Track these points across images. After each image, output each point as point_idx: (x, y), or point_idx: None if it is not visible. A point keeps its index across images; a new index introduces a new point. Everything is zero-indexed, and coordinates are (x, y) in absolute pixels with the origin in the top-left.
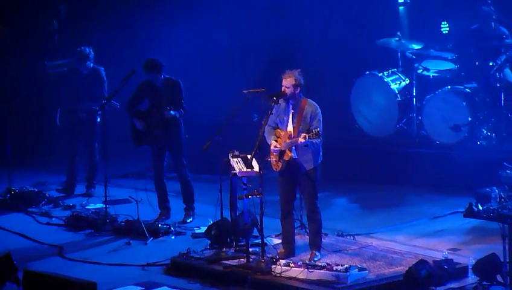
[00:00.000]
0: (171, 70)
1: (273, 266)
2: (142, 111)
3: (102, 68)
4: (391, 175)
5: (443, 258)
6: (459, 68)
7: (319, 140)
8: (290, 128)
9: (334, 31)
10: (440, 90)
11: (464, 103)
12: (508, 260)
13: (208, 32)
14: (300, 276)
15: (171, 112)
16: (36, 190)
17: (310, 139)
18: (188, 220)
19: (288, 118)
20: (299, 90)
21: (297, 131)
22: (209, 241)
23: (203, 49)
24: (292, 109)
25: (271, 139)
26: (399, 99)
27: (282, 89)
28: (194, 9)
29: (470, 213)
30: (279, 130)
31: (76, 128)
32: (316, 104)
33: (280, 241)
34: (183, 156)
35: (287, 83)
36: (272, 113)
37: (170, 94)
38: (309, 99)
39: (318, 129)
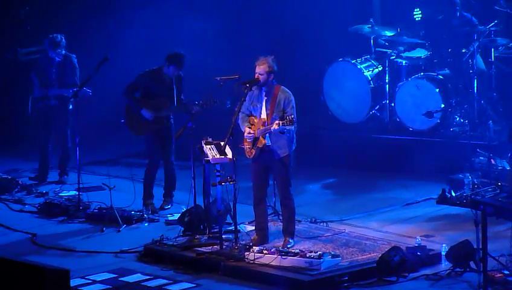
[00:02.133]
0: (142, 56)
1: (247, 253)
2: (152, 102)
3: (75, 55)
4: (364, 162)
5: (416, 244)
6: (432, 55)
7: (293, 127)
8: (263, 115)
9: (307, 17)
10: (413, 77)
11: (437, 90)
12: (480, 247)
13: (179, 18)
14: (274, 263)
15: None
16: (9, 177)
17: (284, 125)
18: (167, 207)
19: (262, 105)
20: (272, 77)
21: (271, 118)
22: (182, 229)
23: (175, 35)
24: (265, 95)
25: (245, 126)
26: (372, 86)
27: (256, 76)
28: None
29: (443, 200)
30: (253, 117)
31: (48, 115)
32: (289, 91)
33: (253, 228)
34: (174, 145)
35: (261, 69)
36: (245, 100)
37: (179, 87)
38: (282, 86)
39: (292, 116)
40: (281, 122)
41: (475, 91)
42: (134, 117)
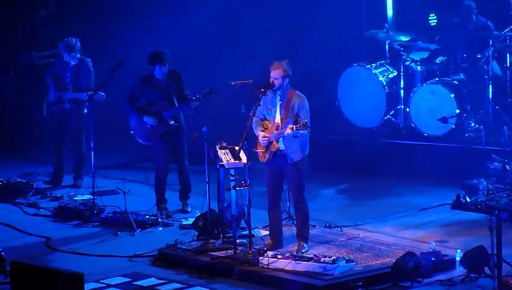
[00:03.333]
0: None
1: (261, 258)
2: (148, 107)
3: (90, 59)
4: (378, 166)
5: (430, 250)
6: (447, 60)
7: (307, 131)
8: (277, 119)
9: (322, 22)
10: (428, 82)
11: (452, 95)
12: (495, 252)
13: (195, 23)
14: (288, 267)
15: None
16: (24, 181)
17: (298, 130)
18: (189, 210)
19: (276, 109)
20: (287, 81)
21: (285, 122)
22: (197, 233)
23: (190, 40)
24: (280, 100)
25: (258, 130)
26: (387, 91)
27: (271, 80)
28: (182, 0)
29: (457, 205)
30: (266, 121)
31: (63, 119)
32: (304, 96)
33: (267, 232)
34: (186, 148)
35: (276, 74)
36: (260, 105)
37: (176, 86)
38: (297, 91)
39: (306, 120)
40: (294, 126)
41: (490, 96)
42: (139, 126)
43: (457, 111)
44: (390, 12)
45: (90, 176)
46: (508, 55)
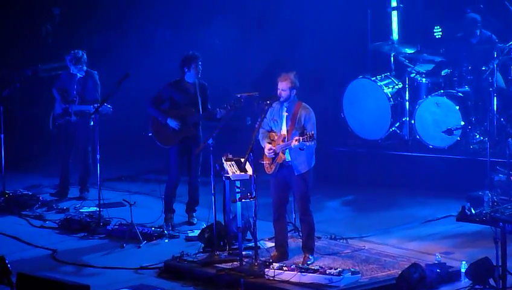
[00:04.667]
0: (163, 73)
1: (266, 270)
2: (176, 111)
3: (96, 72)
4: (384, 178)
5: (436, 261)
6: (452, 72)
7: (313, 143)
8: (284, 131)
9: (328, 34)
10: (433, 94)
11: (457, 107)
12: (500, 264)
13: (200, 34)
14: (294, 279)
15: (221, 110)
16: (30, 193)
17: (304, 142)
18: (195, 222)
19: (282, 121)
20: (294, 92)
21: (291, 134)
22: (203, 245)
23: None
24: (286, 111)
25: (265, 142)
26: (392, 103)
27: (278, 92)
28: (186, 12)
29: (462, 217)
30: (273, 133)
31: (69, 131)
32: (310, 108)
33: (273, 244)
34: (200, 160)
35: (283, 85)
36: (266, 117)
37: (203, 96)
38: (303, 103)
39: (312, 132)
40: (300, 138)
41: (495, 109)
42: (160, 128)
43: (462, 123)
44: (395, 24)
45: (96, 188)
46: None
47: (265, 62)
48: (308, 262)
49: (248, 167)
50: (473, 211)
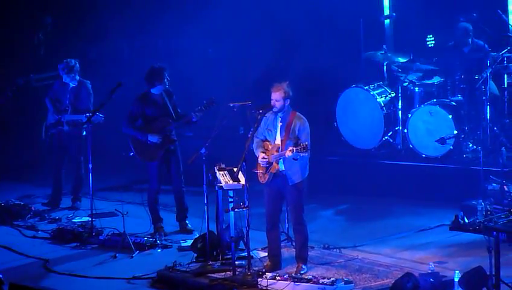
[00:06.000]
0: None
1: (259, 279)
2: (152, 125)
3: (89, 81)
4: (377, 188)
5: (429, 271)
6: (445, 81)
7: (307, 154)
8: (278, 141)
9: (321, 43)
10: (426, 103)
11: (450, 116)
12: (494, 273)
13: (193, 44)
14: (287, 289)
15: (196, 114)
16: (22, 203)
17: (298, 152)
18: (190, 227)
19: (277, 131)
20: (288, 102)
21: (285, 144)
22: (195, 255)
23: (187, 61)
24: (280, 121)
25: (259, 151)
26: (385, 112)
27: (272, 103)
28: (180, 22)
29: (456, 226)
30: (267, 142)
31: (62, 141)
32: (305, 118)
33: (266, 254)
34: (182, 169)
35: (277, 95)
36: (259, 126)
37: (171, 103)
38: (298, 113)
39: (306, 143)
40: (295, 148)
41: (488, 117)
42: (141, 146)
43: (455, 132)
44: (388, 33)
45: (89, 198)
46: (505, 76)
47: (259, 71)
48: (302, 272)
49: (241, 176)
50: (467, 220)
